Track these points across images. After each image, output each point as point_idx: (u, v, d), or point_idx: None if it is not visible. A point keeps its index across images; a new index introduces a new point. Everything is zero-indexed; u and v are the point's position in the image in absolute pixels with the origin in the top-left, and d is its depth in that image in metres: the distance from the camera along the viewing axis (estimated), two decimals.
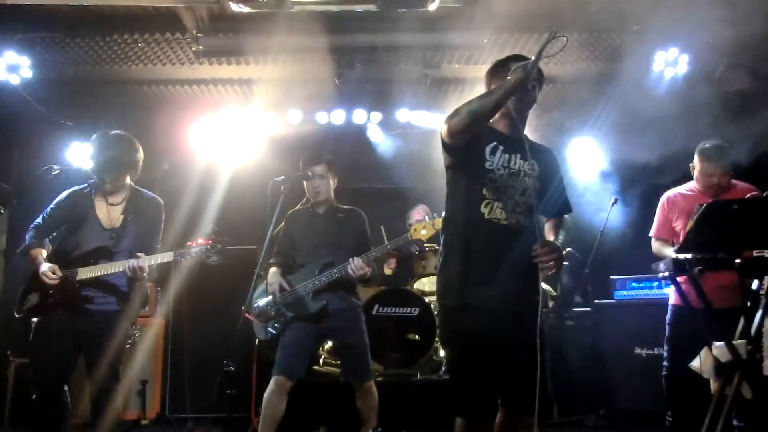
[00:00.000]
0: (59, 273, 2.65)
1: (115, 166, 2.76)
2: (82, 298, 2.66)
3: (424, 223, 3.07)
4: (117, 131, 2.85)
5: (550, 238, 2.16)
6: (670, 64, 4.09)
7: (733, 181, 3.00)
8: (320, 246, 3.08)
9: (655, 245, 3.11)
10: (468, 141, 2.05)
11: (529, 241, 2.02)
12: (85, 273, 2.66)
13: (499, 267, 2.01)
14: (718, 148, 2.96)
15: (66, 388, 2.66)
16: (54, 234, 2.82)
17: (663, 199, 3.14)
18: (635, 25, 3.88)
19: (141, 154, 2.86)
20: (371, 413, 3.03)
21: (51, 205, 2.82)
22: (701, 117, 3.74)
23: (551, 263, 1.96)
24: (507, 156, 2.08)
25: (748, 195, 2.91)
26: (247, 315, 3.14)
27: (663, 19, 3.63)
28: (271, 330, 3.06)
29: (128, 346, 2.79)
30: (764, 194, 2.88)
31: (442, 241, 2.17)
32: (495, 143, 2.09)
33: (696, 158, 3.02)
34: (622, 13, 3.74)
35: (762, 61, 3.89)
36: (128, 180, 2.86)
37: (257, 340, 3.54)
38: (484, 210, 2.04)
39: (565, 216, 2.27)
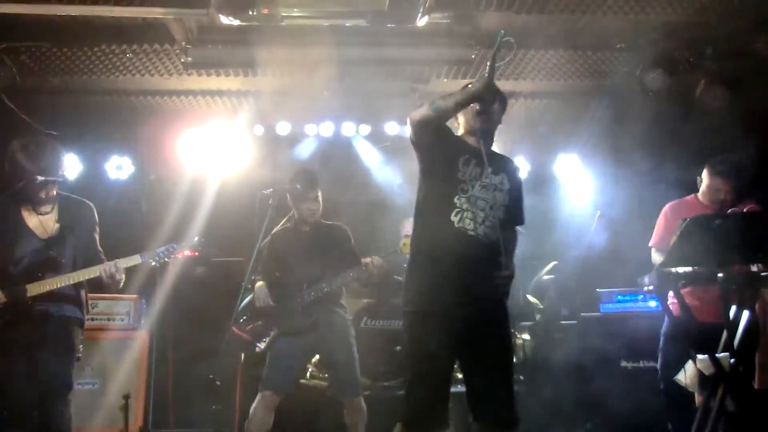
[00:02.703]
0: (3, 298, 2.48)
1: (53, 174, 2.58)
2: (37, 312, 2.53)
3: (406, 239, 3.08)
4: (44, 137, 2.69)
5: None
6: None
7: (737, 199, 3.00)
8: (307, 262, 3.08)
9: (655, 255, 3.11)
10: (433, 145, 2.10)
11: (495, 253, 2.07)
12: (35, 289, 2.53)
13: (465, 275, 2.03)
14: (730, 165, 2.97)
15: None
16: None
17: (666, 209, 3.15)
18: (619, 43, 3.97)
19: (66, 160, 2.72)
20: (359, 429, 3.01)
21: None
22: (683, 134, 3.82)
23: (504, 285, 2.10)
24: (479, 169, 2.13)
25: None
26: (235, 330, 3.11)
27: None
28: (258, 345, 3.03)
29: (78, 360, 2.67)
30: (745, 210, 2.95)
31: (411, 248, 2.19)
32: (468, 155, 2.13)
33: (705, 172, 3.01)
34: (606, 31, 3.83)
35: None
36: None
37: (243, 355, 3.50)
38: (454, 218, 2.07)
39: (517, 228, 2.33)
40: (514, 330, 4.32)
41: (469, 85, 2.05)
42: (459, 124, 2.25)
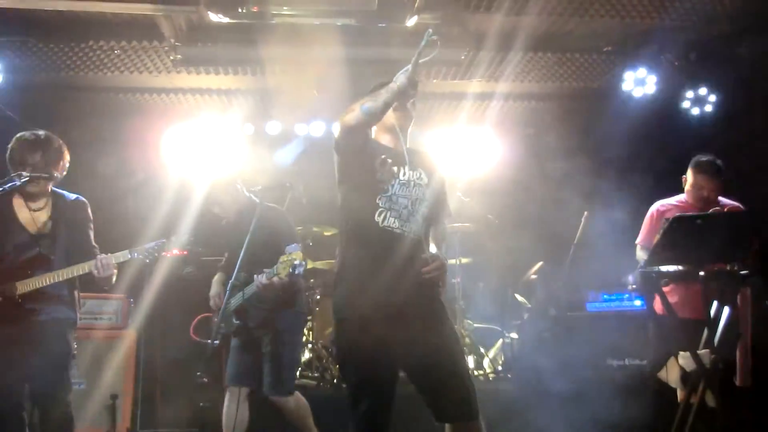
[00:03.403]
0: None
1: (48, 169, 2.54)
2: (27, 312, 2.48)
3: (284, 257, 2.81)
4: (44, 132, 2.63)
5: (434, 249, 2.16)
6: (638, 83, 4.24)
7: (721, 198, 3.07)
8: (239, 261, 2.90)
9: (640, 253, 3.15)
10: (358, 150, 2.09)
11: (423, 249, 2.06)
12: (24, 286, 2.48)
13: (395, 274, 2.00)
14: (712, 162, 3.03)
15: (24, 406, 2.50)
16: None
17: (652, 208, 3.20)
18: (606, 46, 4.03)
19: (68, 157, 2.67)
20: (303, 423, 2.97)
21: None
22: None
23: (437, 276, 2.03)
24: (396, 168, 2.12)
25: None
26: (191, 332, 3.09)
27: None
28: (210, 342, 3.00)
29: (73, 357, 2.64)
30: (725, 209, 3.02)
31: (337, 255, 2.16)
32: (383, 156, 2.12)
33: (690, 171, 3.07)
34: (593, 34, 3.89)
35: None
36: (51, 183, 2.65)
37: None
38: (378, 219, 2.05)
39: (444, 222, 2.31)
40: (502, 329, 4.37)
41: (391, 83, 2.03)
42: None
